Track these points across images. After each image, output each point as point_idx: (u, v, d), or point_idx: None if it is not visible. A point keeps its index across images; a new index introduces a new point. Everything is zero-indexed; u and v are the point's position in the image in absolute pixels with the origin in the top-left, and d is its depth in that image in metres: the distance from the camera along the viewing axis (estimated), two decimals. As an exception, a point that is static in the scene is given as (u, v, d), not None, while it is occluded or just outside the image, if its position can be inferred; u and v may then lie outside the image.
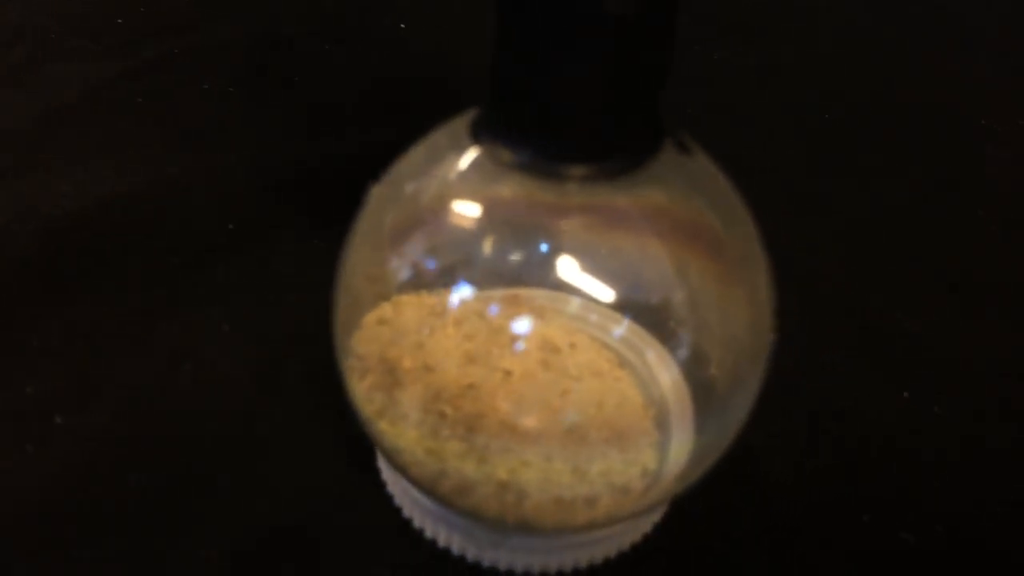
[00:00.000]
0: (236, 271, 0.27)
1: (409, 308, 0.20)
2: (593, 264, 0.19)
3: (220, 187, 0.29)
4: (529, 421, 0.19)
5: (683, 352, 0.20)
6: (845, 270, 0.29)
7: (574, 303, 0.20)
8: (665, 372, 0.21)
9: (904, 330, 0.27)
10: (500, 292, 0.20)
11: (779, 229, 0.21)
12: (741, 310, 0.19)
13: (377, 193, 0.19)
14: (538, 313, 0.21)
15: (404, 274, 0.19)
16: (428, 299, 0.20)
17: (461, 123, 0.18)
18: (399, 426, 0.19)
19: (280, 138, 0.30)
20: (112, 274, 0.26)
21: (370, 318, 0.20)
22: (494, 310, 0.20)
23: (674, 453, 0.20)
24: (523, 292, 0.20)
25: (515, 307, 0.20)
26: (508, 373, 0.20)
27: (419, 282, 0.19)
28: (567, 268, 0.19)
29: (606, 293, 0.19)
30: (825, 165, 0.33)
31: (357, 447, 0.22)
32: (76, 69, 0.33)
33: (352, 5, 0.37)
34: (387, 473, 0.22)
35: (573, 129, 0.16)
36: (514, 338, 0.21)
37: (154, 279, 0.26)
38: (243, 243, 0.27)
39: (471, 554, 0.21)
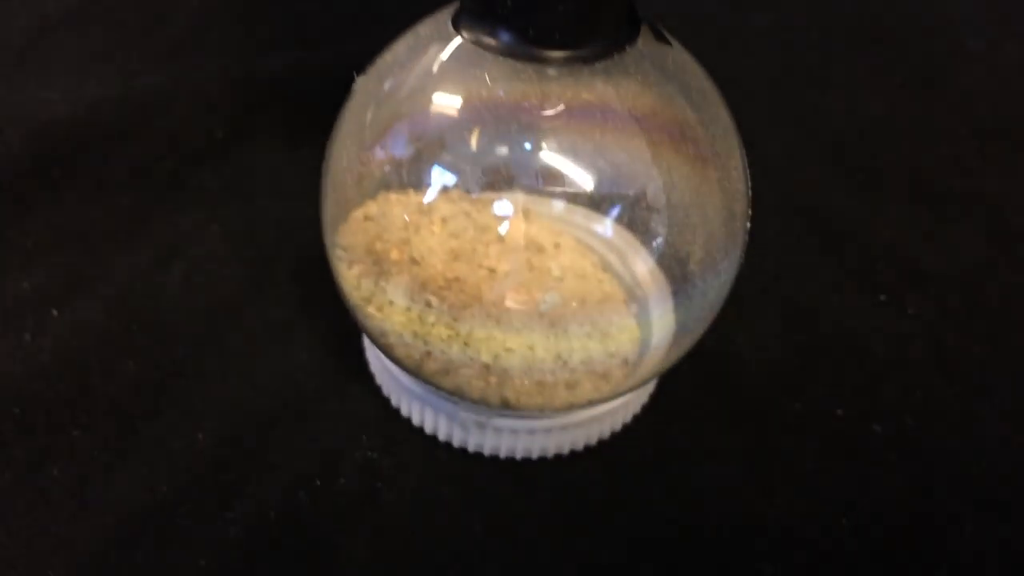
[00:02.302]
0: (223, 175, 0.27)
1: (396, 205, 0.21)
2: (574, 156, 0.19)
3: (205, 95, 0.29)
4: (512, 312, 0.20)
5: (661, 243, 0.20)
6: (824, 180, 0.29)
7: (559, 205, 0.21)
8: (644, 265, 0.21)
9: (879, 236, 0.28)
10: (487, 194, 0.20)
11: (759, 138, 0.22)
12: (716, 198, 0.20)
13: (361, 86, 0.20)
14: (524, 214, 0.21)
15: (389, 169, 0.20)
16: (415, 196, 0.21)
17: (443, 15, 0.19)
18: (386, 311, 0.20)
19: (263, 47, 0.30)
20: (103, 177, 0.27)
21: (357, 213, 0.21)
22: (480, 209, 0.21)
23: (655, 338, 0.21)
24: (509, 194, 0.20)
25: (501, 208, 0.21)
26: (492, 270, 0.20)
27: (405, 178, 0.20)
28: (549, 161, 0.19)
29: (586, 183, 0.19)
30: (804, 77, 0.33)
31: (345, 339, 0.23)
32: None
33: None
34: (374, 361, 0.23)
35: (551, 14, 0.16)
36: (499, 238, 0.21)
37: (143, 182, 0.27)
38: (230, 148, 0.28)
39: (456, 438, 0.21)
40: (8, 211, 0.25)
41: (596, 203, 0.20)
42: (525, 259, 0.21)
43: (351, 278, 0.20)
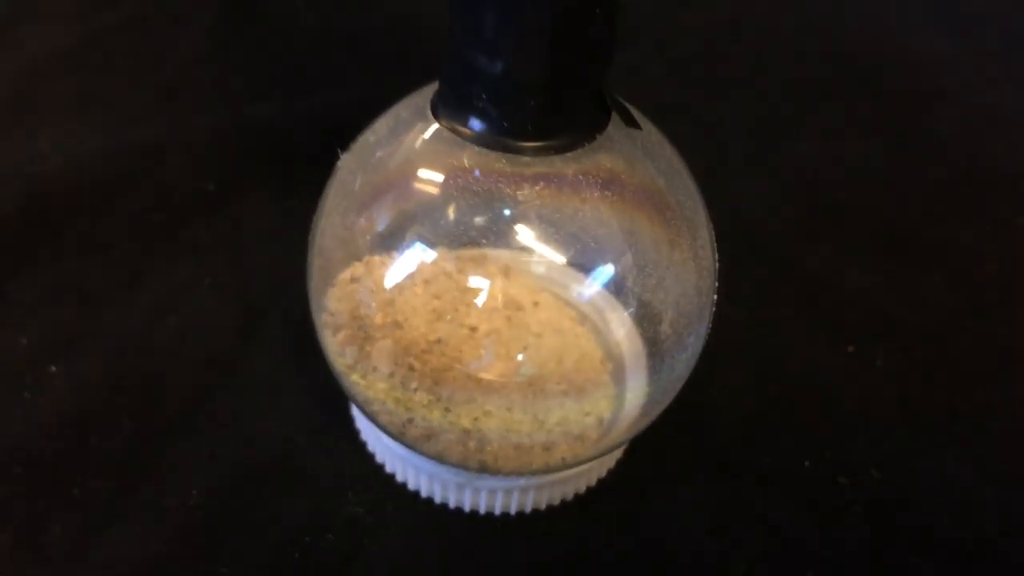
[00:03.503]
0: (214, 229, 0.28)
1: (380, 268, 0.22)
2: (551, 228, 0.20)
3: (195, 147, 0.30)
4: (491, 374, 0.21)
5: (636, 309, 0.21)
6: (794, 228, 0.30)
7: (539, 264, 0.22)
8: (621, 328, 0.22)
9: (850, 287, 0.28)
10: (468, 252, 0.21)
11: (732, 187, 0.23)
12: (687, 270, 0.21)
13: (346, 162, 0.21)
14: (503, 273, 0.22)
15: (374, 236, 0.21)
16: (394, 261, 0.21)
17: (422, 98, 0.20)
18: (370, 378, 0.21)
19: (252, 98, 0.31)
20: (96, 231, 0.28)
21: (343, 277, 0.22)
22: (461, 270, 0.22)
23: (628, 403, 0.22)
24: (490, 252, 0.21)
25: (481, 267, 0.22)
26: (473, 329, 0.21)
27: (389, 244, 0.21)
28: (526, 232, 0.20)
29: (563, 255, 0.20)
30: (778, 125, 0.34)
31: (333, 395, 0.24)
32: (50, 30, 0.34)
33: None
34: (360, 420, 0.24)
35: (522, 108, 0.17)
36: (480, 296, 0.22)
37: (136, 236, 0.28)
38: (220, 202, 0.29)
39: (438, 496, 0.22)
40: (2, 266, 0.26)
41: (576, 270, 0.21)
42: (505, 317, 0.22)
43: (335, 345, 0.21)
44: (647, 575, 0.21)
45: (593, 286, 0.21)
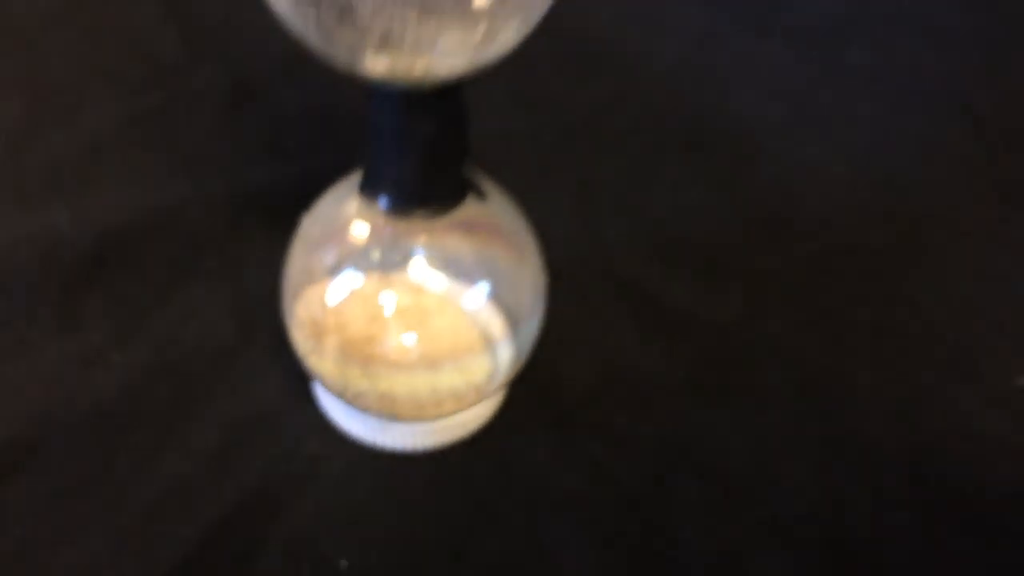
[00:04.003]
0: (225, 262, 0.39)
1: (328, 288, 0.33)
2: (438, 257, 0.31)
3: (208, 204, 0.41)
4: (398, 356, 0.32)
5: (499, 300, 0.32)
6: (640, 256, 0.41)
7: (433, 280, 0.32)
8: (491, 316, 0.33)
9: (671, 297, 0.39)
10: (386, 276, 0.32)
11: (601, 225, 0.33)
12: (525, 274, 0.32)
13: (306, 220, 0.32)
14: (409, 289, 0.33)
15: (324, 268, 0.32)
16: (341, 283, 0.33)
17: (356, 177, 0.31)
18: (322, 360, 0.32)
19: (250, 164, 0.42)
20: (131, 263, 0.38)
21: (304, 294, 0.33)
22: (381, 288, 0.33)
23: (499, 365, 0.33)
24: (400, 276, 0.32)
25: (393, 286, 0.33)
26: (387, 327, 0.32)
27: (334, 273, 0.32)
28: (422, 261, 0.31)
29: (448, 273, 0.31)
30: (640, 177, 0.45)
31: (301, 373, 0.35)
32: (92, 113, 0.45)
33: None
34: (317, 388, 0.35)
35: (411, 191, 0.29)
36: (391, 305, 0.33)
37: (164, 277, 0.38)
38: (228, 242, 0.40)
39: (368, 437, 0.33)
40: (73, 297, 0.37)
41: (457, 279, 0.32)
42: (409, 317, 0.33)
43: (300, 339, 0.32)
44: (512, 487, 0.33)
45: (470, 290, 0.32)
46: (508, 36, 0.24)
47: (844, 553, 0.32)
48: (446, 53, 0.23)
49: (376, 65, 0.23)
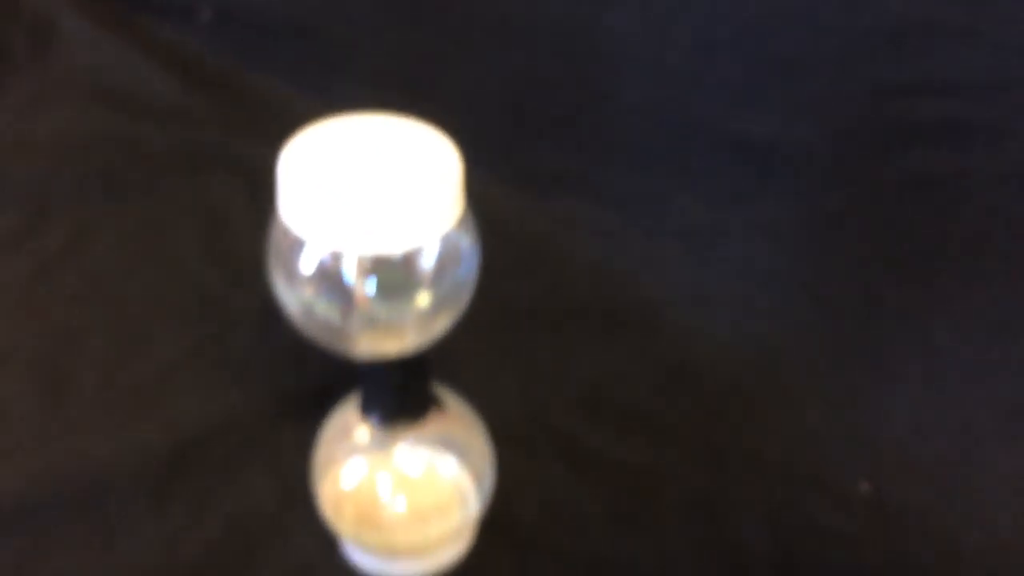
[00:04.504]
0: (268, 458, 0.53)
1: (342, 477, 0.47)
2: (417, 447, 0.46)
3: (251, 416, 0.55)
4: (399, 517, 0.46)
5: (467, 469, 0.46)
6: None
7: (422, 463, 0.47)
8: (464, 479, 0.47)
9: (596, 449, 0.53)
10: (388, 461, 0.47)
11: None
12: (483, 448, 0.46)
13: (325, 426, 0.47)
14: (404, 470, 0.47)
15: (340, 460, 0.46)
16: (352, 467, 0.47)
17: (356, 398, 0.45)
18: (342, 524, 0.46)
19: (281, 374, 0.57)
20: (205, 466, 0.53)
21: (327, 476, 0.47)
22: (378, 472, 0.47)
23: (467, 517, 0.47)
24: (398, 462, 0.46)
25: (394, 469, 0.47)
26: (387, 503, 0.46)
27: (343, 465, 0.46)
28: (408, 451, 0.46)
29: (429, 456, 0.46)
30: (555, 347, 0.60)
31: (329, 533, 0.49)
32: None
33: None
34: (342, 541, 0.49)
35: (391, 413, 0.43)
36: (394, 483, 0.47)
37: (226, 468, 0.53)
38: (270, 443, 0.54)
39: (375, 570, 0.47)
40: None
41: (438, 459, 0.46)
42: (402, 493, 0.47)
43: (326, 508, 0.46)
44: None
45: (443, 463, 0.47)
46: (446, 325, 0.39)
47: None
48: (409, 343, 0.38)
49: (360, 354, 0.38)
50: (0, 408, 0.55)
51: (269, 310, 0.59)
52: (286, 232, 0.35)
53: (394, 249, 0.34)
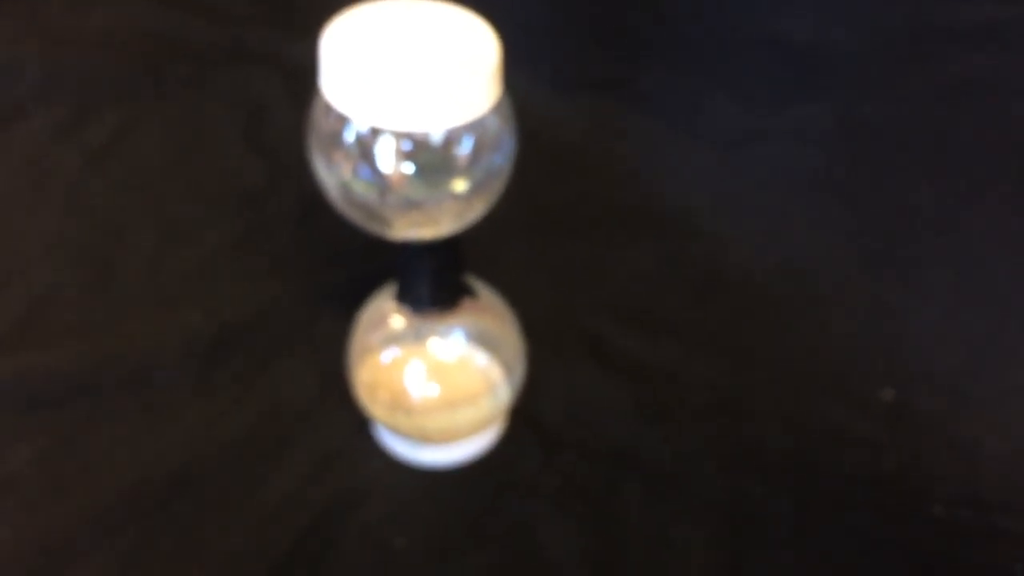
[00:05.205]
0: (306, 346, 0.55)
1: (380, 359, 0.49)
2: (451, 333, 0.47)
3: (290, 305, 0.57)
4: (431, 403, 0.48)
5: (499, 357, 0.48)
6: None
7: (454, 351, 0.48)
8: (494, 369, 0.48)
9: (625, 350, 0.55)
10: (422, 349, 0.48)
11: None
12: (515, 341, 0.47)
13: (362, 313, 0.48)
14: (437, 357, 0.48)
15: (372, 346, 0.48)
16: (387, 353, 0.48)
17: (392, 287, 0.47)
18: (376, 409, 0.47)
19: (321, 267, 0.58)
20: (246, 351, 0.55)
21: (363, 362, 0.49)
22: (417, 360, 0.48)
23: (497, 407, 0.48)
24: (432, 349, 0.48)
25: (428, 356, 0.48)
26: (421, 383, 0.48)
27: (380, 347, 0.48)
28: (439, 339, 0.47)
29: (461, 344, 0.47)
30: (587, 252, 0.61)
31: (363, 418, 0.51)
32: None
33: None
34: (375, 425, 0.51)
35: (426, 299, 0.44)
36: (428, 370, 0.49)
37: (266, 354, 0.55)
38: (308, 331, 0.56)
39: (412, 459, 0.49)
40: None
41: (470, 349, 0.48)
42: (436, 376, 0.48)
43: (361, 393, 0.48)
44: (511, 487, 0.48)
45: (475, 353, 0.48)
46: (481, 211, 0.39)
47: (740, 530, 0.47)
48: (443, 228, 0.39)
49: (397, 236, 0.39)
50: (50, 294, 0.57)
51: (309, 204, 0.62)
52: (327, 109, 0.36)
53: (431, 128, 0.35)
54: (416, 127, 0.35)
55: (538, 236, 0.59)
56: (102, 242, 0.60)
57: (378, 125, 0.35)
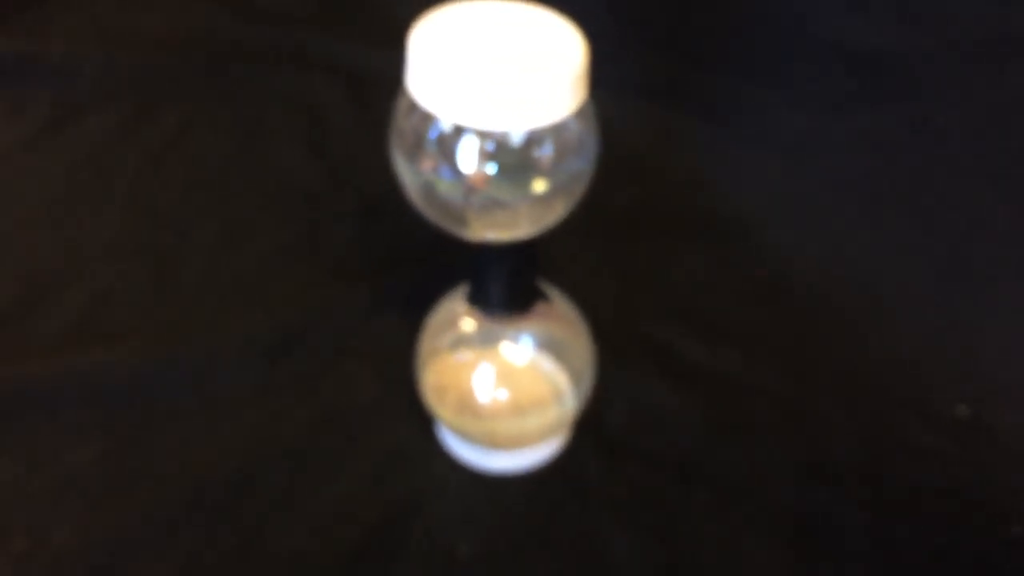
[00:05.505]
0: (369, 347, 0.54)
1: (449, 362, 0.48)
2: (524, 339, 0.46)
3: (353, 305, 0.56)
4: (499, 408, 0.47)
5: (566, 366, 0.47)
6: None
7: (524, 356, 0.48)
8: (562, 377, 0.48)
9: (690, 358, 0.54)
10: (492, 352, 0.47)
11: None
12: (585, 349, 0.47)
13: (432, 314, 0.47)
14: (506, 361, 0.48)
15: (442, 348, 0.47)
16: (457, 356, 0.48)
17: (463, 288, 0.46)
18: (444, 409, 0.47)
19: (382, 269, 0.58)
20: (310, 353, 0.55)
21: (431, 364, 0.48)
22: (484, 361, 0.48)
23: (564, 415, 0.48)
24: (498, 351, 0.47)
25: (494, 359, 0.48)
26: (490, 389, 0.47)
27: (450, 349, 0.47)
28: (511, 344, 0.46)
29: (531, 349, 0.47)
30: (651, 257, 0.60)
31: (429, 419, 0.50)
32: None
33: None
34: (440, 428, 0.50)
35: (500, 303, 0.44)
36: (492, 373, 0.48)
37: (330, 355, 0.54)
38: (372, 332, 0.55)
39: (477, 464, 0.48)
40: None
41: (539, 355, 0.47)
42: (505, 381, 0.48)
43: (428, 395, 0.47)
44: (576, 495, 0.47)
45: (544, 360, 0.47)
46: (560, 214, 0.39)
47: (811, 543, 0.46)
48: (521, 231, 0.38)
49: (474, 237, 0.39)
50: (111, 292, 0.57)
51: (367, 209, 0.62)
52: (412, 106, 0.36)
53: (515, 127, 0.35)
54: (498, 127, 0.35)
55: (603, 241, 0.59)
56: (162, 241, 0.60)
57: (462, 123, 0.35)
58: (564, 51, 0.35)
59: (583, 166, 0.38)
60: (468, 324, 0.46)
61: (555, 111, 0.35)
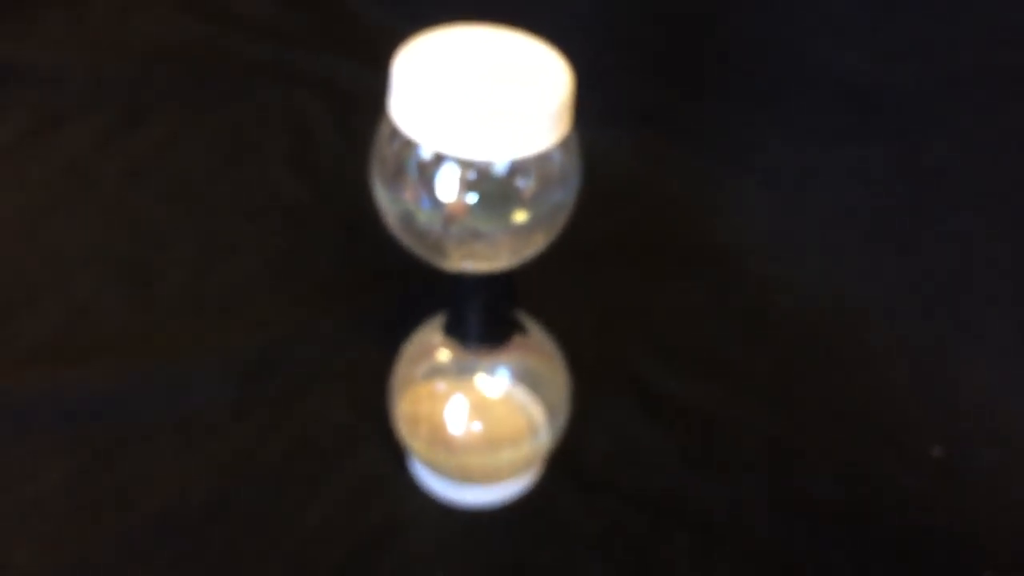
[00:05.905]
0: (344, 372, 0.54)
1: (421, 393, 0.47)
2: (497, 370, 0.46)
3: (330, 328, 0.55)
4: (472, 441, 0.46)
5: (541, 398, 0.46)
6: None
7: (499, 388, 0.47)
8: (537, 410, 0.47)
9: (669, 392, 0.53)
10: (467, 384, 0.47)
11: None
12: (561, 382, 0.46)
13: (407, 344, 0.47)
14: (481, 394, 0.47)
15: (416, 377, 0.46)
16: (431, 387, 0.47)
17: (440, 318, 0.45)
18: (416, 441, 0.46)
19: (360, 288, 0.57)
20: (282, 376, 0.54)
21: (405, 394, 0.47)
22: (457, 392, 0.47)
23: (538, 449, 0.47)
24: (472, 383, 0.46)
25: (468, 391, 0.47)
26: (462, 421, 0.47)
27: (423, 379, 0.46)
28: (486, 375, 0.46)
29: (505, 381, 0.46)
30: (631, 287, 0.59)
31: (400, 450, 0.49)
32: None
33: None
34: (412, 460, 0.49)
35: (476, 334, 0.43)
36: (471, 407, 0.47)
37: (304, 380, 0.53)
38: (347, 356, 0.54)
39: (449, 497, 0.47)
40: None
41: (514, 387, 0.46)
42: (478, 413, 0.47)
43: (401, 425, 0.46)
44: (549, 529, 0.46)
45: (519, 392, 0.47)
46: (540, 246, 0.38)
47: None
48: (500, 262, 0.38)
49: (452, 268, 0.38)
50: (89, 304, 0.55)
51: (350, 229, 0.61)
52: (394, 132, 0.35)
53: (497, 157, 0.34)
54: (481, 156, 0.34)
55: (584, 272, 0.58)
56: (142, 254, 0.59)
57: (443, 151, 0.34)
58: (550, 80, 0.35)
59: (565, 197, 0.38)
60: (444, 355, 0.45)
61: (539, 141, 0.35)
